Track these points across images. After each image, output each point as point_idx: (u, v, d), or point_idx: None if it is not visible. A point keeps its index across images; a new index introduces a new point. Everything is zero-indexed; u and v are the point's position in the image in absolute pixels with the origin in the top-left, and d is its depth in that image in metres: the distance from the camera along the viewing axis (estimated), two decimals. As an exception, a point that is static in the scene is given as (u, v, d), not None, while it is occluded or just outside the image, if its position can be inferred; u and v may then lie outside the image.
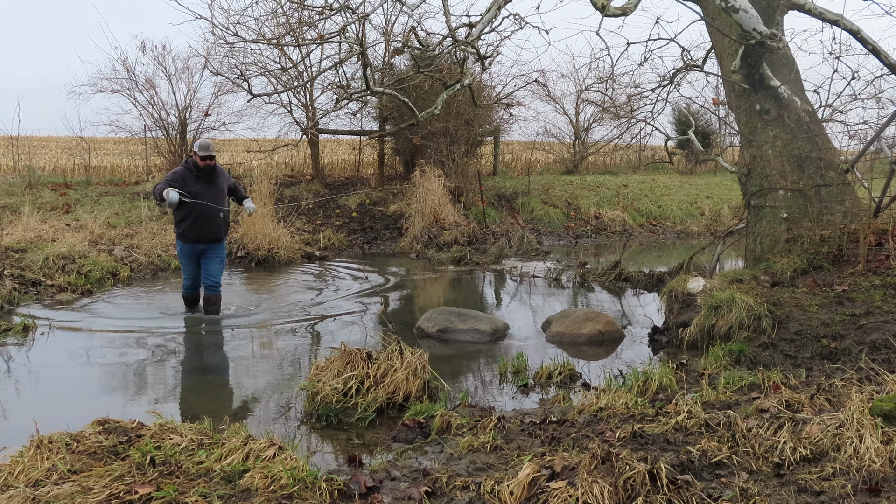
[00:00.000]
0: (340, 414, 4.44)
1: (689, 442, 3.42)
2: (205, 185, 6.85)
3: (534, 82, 16.41)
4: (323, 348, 6.07)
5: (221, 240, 7.13)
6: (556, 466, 3.08)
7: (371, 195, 14.55)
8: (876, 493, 2.84)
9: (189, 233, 6.91)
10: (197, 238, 6.95)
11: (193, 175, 6.82)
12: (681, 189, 17.58)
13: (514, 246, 11.79)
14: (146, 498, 2.91)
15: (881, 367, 4.38)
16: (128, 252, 10.00)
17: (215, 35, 15.25)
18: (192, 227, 6.88)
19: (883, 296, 5.51)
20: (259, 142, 16.49)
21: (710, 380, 4.81)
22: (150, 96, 15.32)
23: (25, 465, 3.21)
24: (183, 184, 6.71)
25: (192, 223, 6.86)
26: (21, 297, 7.81)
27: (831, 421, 3.40)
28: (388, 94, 7.84)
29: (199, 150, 6.82)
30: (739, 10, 6.30)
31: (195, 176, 6.83)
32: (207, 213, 6.85)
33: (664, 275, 8.68)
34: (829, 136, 7.55)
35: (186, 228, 6.90)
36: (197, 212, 6.79)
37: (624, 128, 12.63)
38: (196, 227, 6.89)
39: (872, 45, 6.79)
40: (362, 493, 3.09)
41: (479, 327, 6.64)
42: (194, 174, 6.83)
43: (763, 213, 7.12)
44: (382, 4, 7.34)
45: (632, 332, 6.79)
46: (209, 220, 6.91)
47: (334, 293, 8.70)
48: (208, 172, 6.86)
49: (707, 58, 8.62)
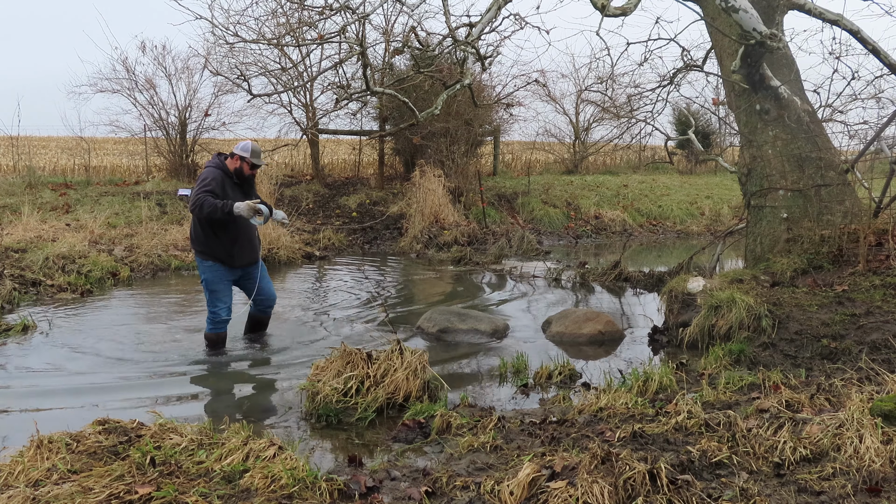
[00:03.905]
0: (340, 414, 4.44)
1: (689, 442, 3.42)
2: (243, 195, 5.82)
3: (534, 82, 16.40)
4: (323, 348, 6.07)
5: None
6: (556, 466, 3.08)
7: (371, 195, 14.55)
8: (876, 493, 2.84)
9: (230, 260, 5.80)
10: (238, 265, 5.88)
11: (232, 182, 5.79)
12: (681, 189, 17.58)
13: (514, 246, 11.79)
14: (146, 498, 2.91)
15: (881, 367, 4.38)
16: (128, 252, 10.00)
17: (215, 35, 15.25)
18: (235, 248, 5.79)
19: (883, 296, 5.51)
20: (259, 142, 16.48)
21: (710, 380, 4.81)
22: (150, 96, 15.34)
23: (25, 465, 3.21)
24: (222, 192, 5.66)
25: (234, 248, 5.79)
26: (21, 297, 7.81)
27: (831, 421, 3.40)
28: (388, 95, 7.84)
29: (250, 157, 5.79)
30: (739, 10, 6.29)
31: (234, 183, 5.81)
32: (248, 231, 5.88)
33: (664, 275, 8.68)
34: (829, 136, 7.55)
35: (231, 251, 5.79)
36: (237, 233, 5.78)
37: (624, 128, 12.64)
38: (244, 248, 5.85)
39: (872, 45, 6.79)
40: (362, 493, 3.09)
41: (479, 327, 6.64)
42: (233, 181, 5.81)
43: (763, 213, 7.12)
44: (382, 4, 7.33)
45: (632, 332, 6.79)
46: (249, 240, 5.91)
47: (334, 293, 8.69)
48: (249, 181, 5.94)
49: (707, 58, 8.63)
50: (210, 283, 5.81)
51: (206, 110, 15.61)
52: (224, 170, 5.76)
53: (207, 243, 5.74)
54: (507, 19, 7.40)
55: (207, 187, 5.56)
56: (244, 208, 5.50)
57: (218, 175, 5.68)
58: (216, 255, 5.76)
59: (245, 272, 5.99)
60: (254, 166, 5.84)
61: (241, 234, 5.79)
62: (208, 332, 5.96)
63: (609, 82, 9.97)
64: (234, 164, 5.80)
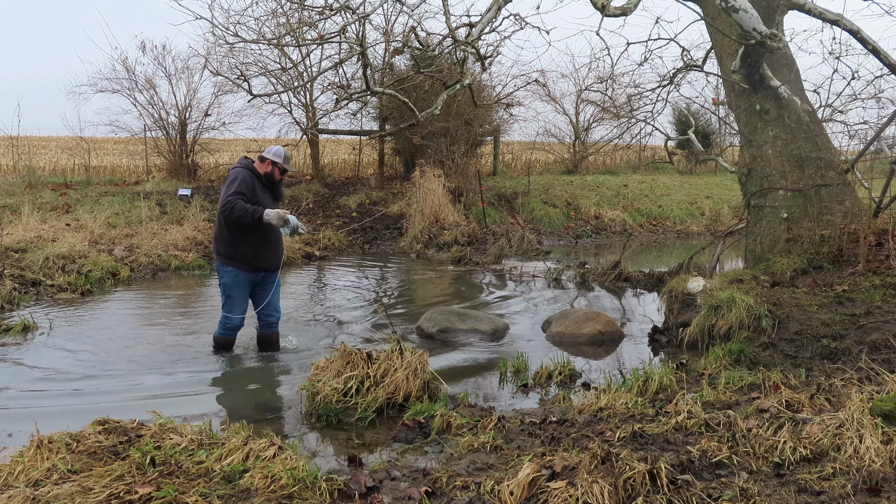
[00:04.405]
0: (340, 414, 4.44)
1: (689, 442, 3.42)
2: (271, 200, 5.74)
3: (534, 82, 16.43)
4: (323, 348, 6.07)
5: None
6: (556, 466, 3.08)
7: (371, 195, 14.55)
8: (876, 493, 2.84)
9: (256, 259, 5.68)
10: (264, 266, 5.77)
11: (262, 184, 5.70)
12: (681, 189, 17.59)
13: (514, 246, 11.79)
14: (146, 498, 2.91)
15: (881, 366, 4.38)
16: (128, 252, 10.00)
17: (215, 35, 15.27)
18: (260, 252, 5.69)
19: (883, 296, 5.51)
20: (259, 142, 16.52)
21: (710, 380, 4.81)
22: (150, 96, 15.36)
23: (25, 465, 3.21)
24: (252, 194, 5.54)
25: (262, 247, 5.70)
26: (21, 297, 7.81)
27: (831, 421, 3.40)
28: (388, 95, 7.84)
29: (282, 161, 5.73)
30: (739, 10, 6.29)
31: (263, 185, 5.72)
32: (275, 235, 5.77)
33: (664, 275, 8.68)
34: (829, 136, 7.55)
35: (254, 254, 5.67)
36: (266, 234, 5.68)
37: (624, 128, 12.64)
38: (267, 252, 5.74)
39: (872, 45, 6.79)
40: (362, 493, 3.09)
41: (479, 327, 6.64)
42: (263, 183, 5.72)
43: (763, 213, 7.12)
44: (382, 4, 7.35)
45: (632, 332, 6.79)
46: (276, 243, 5.80)
47: (334, 293, 8.69)
48: (277, 185, 5.88)
49: (707, 58, 8.63)
50: (228, 287, 5.72)
51: (206, 110, 15.63)
52: (254, 171, 5.66)
53: (233, 244, 5.62)
54: (507, 19, 7.40)
55: (238, 189, 5.44)
56: (274, 217, 5.43)
57: (248, 176, 5.56)
58: (240, 257, 5.64)
59: (263, 278, 5.85)
60: (284, 171, 5.79)
61: (270, 235, 5.71)
62: (218, 335, 5.90)
63: (609, 82, 9.98)
64: (265, 167, 5.72)
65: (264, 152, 5.81)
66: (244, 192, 5.47)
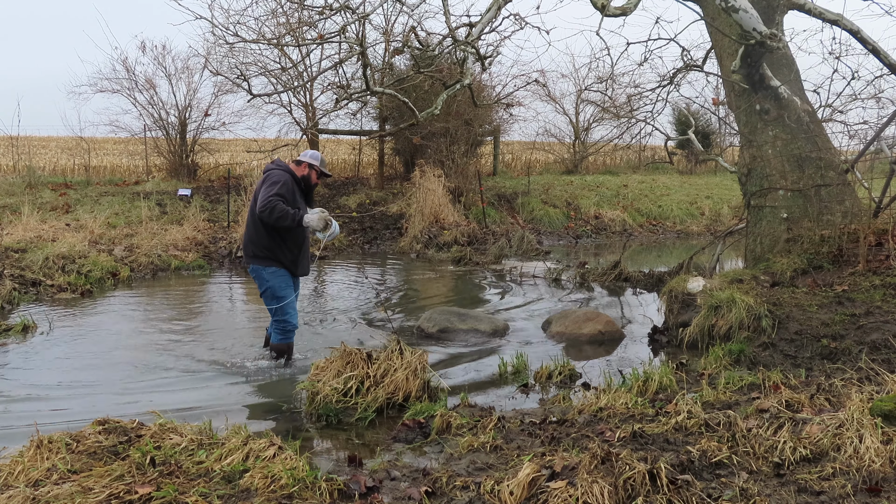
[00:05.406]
0: (340, 414, 4.44)
1: (689, 442, 3.42)
2: (306, 204, 5.58)
3: (534, 82, 16.43)
4: (323, 348, 6.07)
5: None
6: (556, 466, 3.08)
7: (371, 195, 14.55)
8: (876, 493, 2.84)
9: (293, 266, 5.59)
10: (299, 273, 5.70)
11: (300, 188, 5.55)
12: (681, 189, 17.59)
13: (514, 246, 11.79)
14: (146, 498, 2.91)
15: (881, 367, 4.38)
16: (128, 252, 10.00)
17: (215, 35, 15.24)
18: (297, 259, 5.60)
19: (883, 296, 5.51)
20: (259, 142, 16.51)
21: (710, 380, 4.81)
22: (150, 96, 15.36)
23: (25, 465, 3.21)
24: (292, 197, 5.38)
25: (302, 252, 5.61)
26: (21, 297, 7.81)
27: (831, 421, 3.40)
28: (388, 94, 7.83)
29: (320, 165, 5.61)
30: (739, 10, 6.29)
31: (301, 190, 5.56)
32: (307, 242, 5.71)
33: (664, 275, 8.68)
34: (829, 136, 7.55)
35: (297, 258, 5.58)
36: (301, 239, 5.56)
37: (624, 128, 12.65)
38: (302, 260, 5.65)
39: (872, 45, 6.79)
40: (362, 493, 3.09)
41: (479, 327, 6.64)
42: (301, 188, 5.57)
43: (763, 213, 7.12)
44: (382, 4, 7.34)
45: (632, 332, 6.79)
46: (307, 250, 5.73)
47: (334, 293, 8.69)
48: (312, 189, 5.73)
49: (707, 58, 8.63)
50: (276, 289, 5.46)
51: (206, 110, 15.63)
52: (293, 175, 5.49)
53: (271, 248, 5.42)
54: (507, 19, 7.39)
55: (280, 191, 5.24)
56: (315, 220, 5.28)
57: (288, 180, 5.39)
58: (281, 260, 5.47)
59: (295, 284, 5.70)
60: (321, 175, 5.67)
61: (304, 241, 5.60)
62: (277, 342, 5.61)
63: (609, 82, 9.97)
64: (303, 171, 5.56)
65: (300, 156, 5.65)
66: (285, 196, 5.28)
